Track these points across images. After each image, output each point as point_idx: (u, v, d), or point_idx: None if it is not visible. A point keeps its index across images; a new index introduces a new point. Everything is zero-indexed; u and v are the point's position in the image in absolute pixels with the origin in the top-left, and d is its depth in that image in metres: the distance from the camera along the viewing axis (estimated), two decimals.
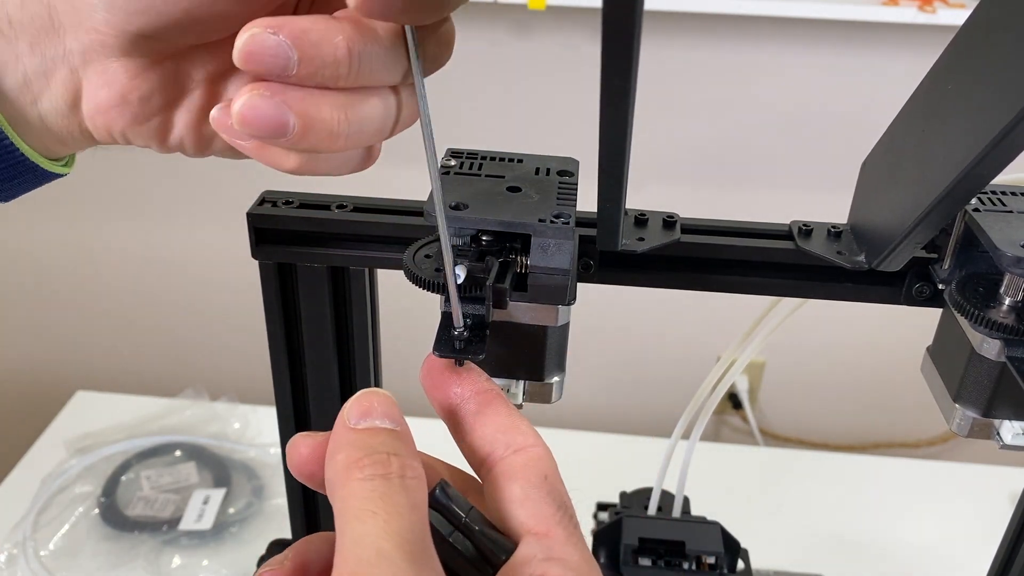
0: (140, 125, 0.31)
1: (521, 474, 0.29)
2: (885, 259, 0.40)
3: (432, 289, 0.36)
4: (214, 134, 0.32)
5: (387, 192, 0.47)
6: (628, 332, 1.42)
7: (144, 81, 0.30)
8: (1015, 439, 0.41)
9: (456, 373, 0.32)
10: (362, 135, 0.30)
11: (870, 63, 1.18)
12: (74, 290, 1.44)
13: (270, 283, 0.48)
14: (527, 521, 0.28)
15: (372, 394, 0.29)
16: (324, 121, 0.28)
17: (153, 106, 0.31)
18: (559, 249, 0.37)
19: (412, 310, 0.79)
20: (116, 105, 0.30)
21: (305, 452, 0.29)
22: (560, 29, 1.18)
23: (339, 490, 0.26)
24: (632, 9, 0.24)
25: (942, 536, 0.88)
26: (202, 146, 0.33)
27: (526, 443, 0.30)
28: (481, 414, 0.31)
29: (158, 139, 0.32)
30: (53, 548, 0.83)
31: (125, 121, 0.31)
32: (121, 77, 0.30)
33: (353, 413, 0.28)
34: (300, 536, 0.58)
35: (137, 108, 0.31)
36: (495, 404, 0.31)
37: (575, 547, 0.27)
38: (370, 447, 0.27)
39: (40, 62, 0.30)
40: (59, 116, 0.31)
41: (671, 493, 0.68)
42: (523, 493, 0.28)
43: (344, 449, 0.27)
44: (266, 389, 0.52)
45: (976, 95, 0.32)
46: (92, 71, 0.30)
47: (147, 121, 0.31)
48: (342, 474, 0.26)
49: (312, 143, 0.28)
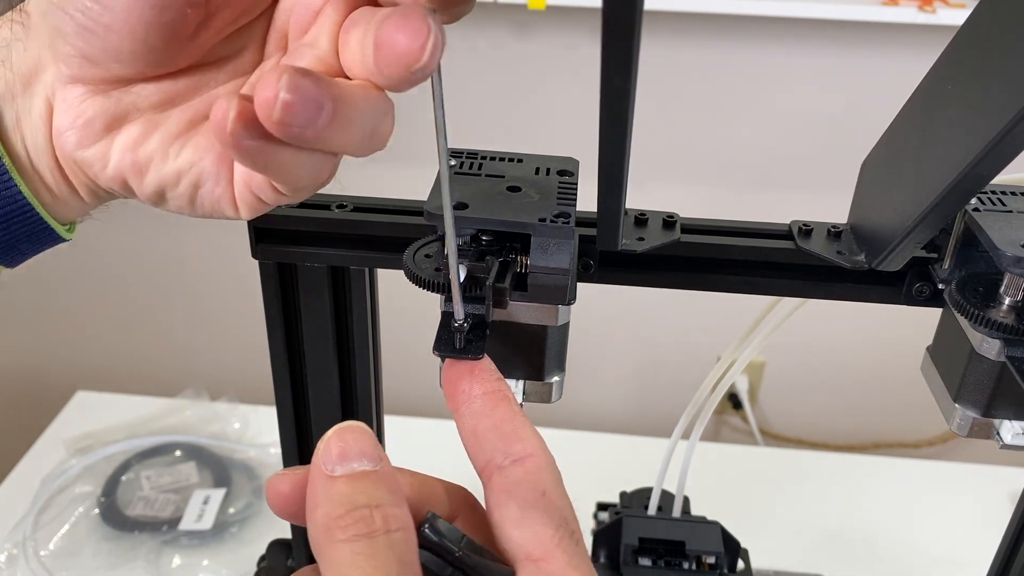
0: (84, 148, 0.32)
1: (518, 490, 0.28)
2: (885, 259, 0.40)
3: (432, 289, 0.36)
4: (149, 160, 0.32)
5: (387, 192, 0.47)
6: (628, 332, 1.42)
7: (90, 105, 0.31)
8: (1015, 439, 0.41)
9: (469, 369, 0.32)
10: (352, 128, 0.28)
11: (870, 63, 1.18)
12: (74, 290, 1.44)
13: (270, 283, 0.48)
14: (525, 545, 0.27)
15: (347, 430, 0.27)
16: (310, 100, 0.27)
17: (96, 129, 0.32)
18: (559, 249, 0.37)
19: (412, 310, 0.79)
20: (68, 128, 0.32)
21: (285, 490, 0.28)
22: (560, 29, 1.18)
23: (324, 552, 0.25)
24: (632, 9, 0.24)
25: (942, 536, 0.88)
26: (138, 173, 0.33)
27: (525, 452, 0.29)
28: (485, 416, 0.30)
29: (100, 164, 0.32)
30: (53, 548, 0.83)
31: (72, 144, 0.32)
32: (74, 102, 0.31)
33: (330, 458, 0.27)
34: (300, 536, 0.58)
35: (82, 131, 0.32)
36: (500, 407, 0.30)
37: (576, 570, 0.26)
38: (351, 502, 0.26)
39: (28, 99, 0.32)
40: (39, 151, 0.32)
41: (671, 493, 0.68)
42: (520, 513, 0.27)
43: (323, 504, 0.26)
44: (266, 389, 0.52)
45: (976, 95, 0.32)
46: (58, 99, 0.32)
47: (91, 145, 0.32)
48: (324, 535, 0.25)
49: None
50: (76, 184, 0.34)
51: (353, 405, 0.53)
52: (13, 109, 0.32)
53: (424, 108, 0.30)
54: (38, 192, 0.34)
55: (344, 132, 0.28)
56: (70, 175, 0.33)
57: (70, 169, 0.33)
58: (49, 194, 0.34)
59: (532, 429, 0.30)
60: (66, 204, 0.35)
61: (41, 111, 0.32)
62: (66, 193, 0.34)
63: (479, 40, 1.18)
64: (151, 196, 0.34)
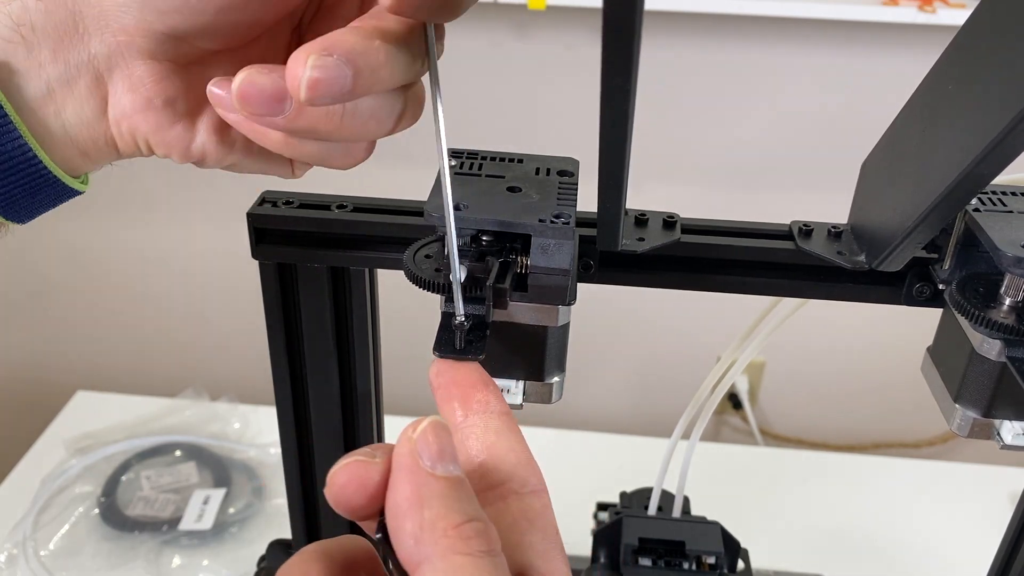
0: (165, 131, 0.31)
1: (539, 522, 0.27)
2: (885, 259, 0.40)
3: (432, 289, 0.36)
4: (235, 140, 0.32)
5: (387, 192, 0.47)
6: (628, 332, 1.42)
7: (169, 85, 0.30)
8: (1015, 439, 0.41)
9: (485, 382, 0.31)
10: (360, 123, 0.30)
11: (870, 63, 1.18)
12: (74, 290, 1.44)
13: (270, 283, 0.48)
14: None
15: (441, 428, 0.25)
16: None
17: (178, 111, 0.31)
18: (559, 249, 0.37)
19: (412, 310, 0.79)
20: (141, 110, 0.30)
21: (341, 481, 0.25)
22: (560, 29, 1.18)
23: (438, 560, 0.23)
24: (632, 9, 0.24)
25: (942, 536, 0.88)
26: (223, 153, 0.33)
27: (540, 486, 0.28)
28: (503, 436, 0.29)
29: (181, 146, 0.32)
30: (53, 548, 0.83)
31: (149, 126, 0.31)
32: (147, 81, 0.30)
33: (429, 453, 0.24)
34: (300, 536, 0.58)
35: (162, 113, 0.31)
36: (515, 432, 0.30)
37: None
38: (466, 511, 0.24)
39: (64, 70, 0.29)
40: (84, 125, 0.31)
41: (671, 493, 0.68)
42: (544, 546, 0.27)
43: (434, 505, 0.24)
44: (266, 389, 0.52)
45: (976, 95, 0.32)
46: (117, 76, 0.30)
47: (172, 127, 0.31)
48: (441, 539, 0.23)
49: (308, 123, 0.28)
50: (124, 152, 0.32)
51: (353, 405, 0.53)
52: (41, 79, 0.29)
53: (423, 108, 0.31)
54: (67, 159, 0.31)
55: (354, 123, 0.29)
56: (123, 147, 0.32)
57: (131, 144, 0.32)
58: (82, 158, 0.32)
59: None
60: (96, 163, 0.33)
61: (89, 84, 0.30)
62: (105, 156, 0.32)
63: (479, 40, 1.18)
64: (222, 167, 0.34)
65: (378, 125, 0.30)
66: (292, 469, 0.55)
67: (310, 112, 0.28)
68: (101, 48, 0.29)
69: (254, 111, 0.27)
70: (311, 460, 0.54)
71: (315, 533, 0.58)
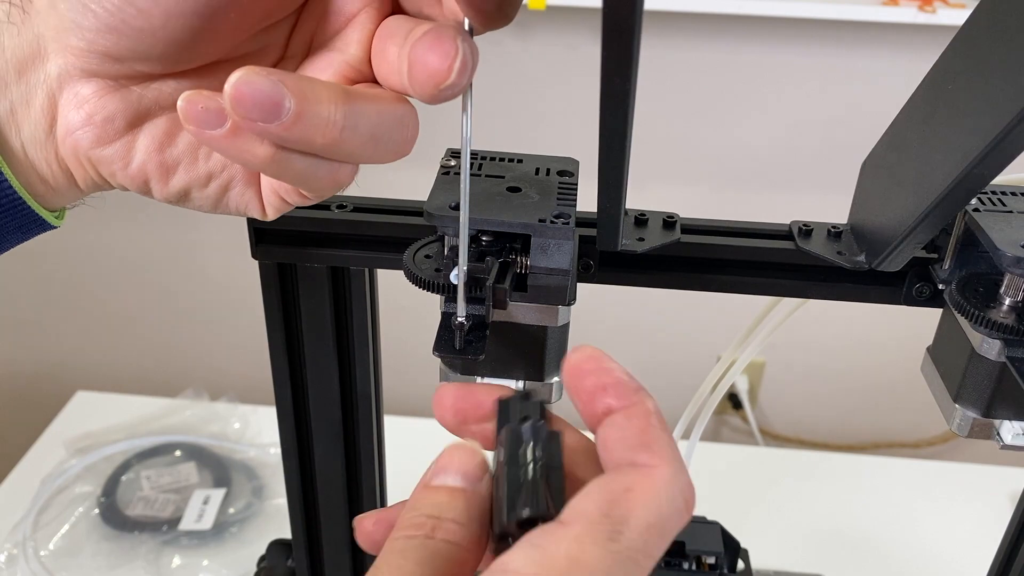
0: (103, 147, 0.31)
1: (609, 477, 0.25)
2: (885, 259, 0.40)
3: (432, 289, 0.36)
4: (177, 163, 0.32)
5: (387, 192, 0.47)
6: (628, 332, 1.42)
7: (110, 101, 0.30)
8: (1015, 439, 0.41)
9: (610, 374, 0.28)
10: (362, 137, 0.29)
11: (870, 63, 1.18)
12: (74, 290, 1.44)
13: (270, 283, 0.48)
14: (566, 512, 0.24)
15: (457, 448, 0.27)
16: (322, 106, 0.27)
17: (116, 127, 0.31)
18: (559, 249, 0.37)
19: (412, 310, 0.79)
20: (82, 126, 0.30)
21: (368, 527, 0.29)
22: (560, 29, 1.18)
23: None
24: (632, 9, 0.24)
25: (942, 536, 0.88)
26: (163, 173, 0.32)
27: (651, 462, 0.25)
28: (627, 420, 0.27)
29: (120, 165, 0.31)
30: (53, 548, 0.83)
31: (88, 142, 0.31)
32: (90, 98, 0.30)
33: (432, 470, 0.27)
34: (300, 536, 0.58)
35: (100, 129, 0.30)
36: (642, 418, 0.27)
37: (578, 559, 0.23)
38: (419, 508, 0.26)
39: (25, 90, 0.30)
40: (37, 144, 0.31)
41: None
42: (589, 487, 0.25)
43: (407, 509, 0.26)
44: (266, 389, 0.52)
45: (976, 95, 0.32)
46: (66, 93, 0.30)
47: (110, 143, 0.31)
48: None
49: (305, 132, 0.27)
50: (78, 178, 0.32)
51: (353, 405, 0.53)
52: (6, 98, 0.30)
53: (424, 109, 0.31)
54: (30, 184, 0.32)
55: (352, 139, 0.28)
56: (74, 170, 0.32)
57: (77, 164, 0.32)
58: (43, 185, 0.32)
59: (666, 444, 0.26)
60: (61, 194, 0.33)
61: (43, 103, 0.30)
62: (63, 184, 0.32)
63: (479, 40, 1.18)
64: (172, 196, 0.33)
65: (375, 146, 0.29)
66: (292, 469, 0.55)
67: (308, 120, 0.27)
68: (54, 68, 0.30)
69: (248, 114, 0.26)
70: (311, 460, 0.54)
71: (315, 533, 0.58)
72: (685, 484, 0.26)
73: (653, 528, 0.24)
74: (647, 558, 0.24)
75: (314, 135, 0.27)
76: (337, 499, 0.56)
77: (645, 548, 0.24)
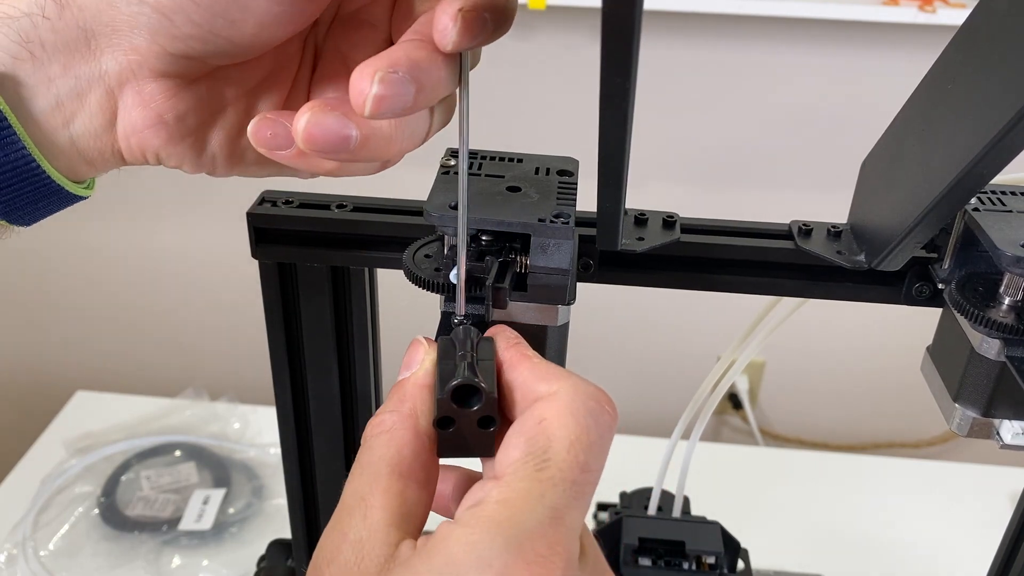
0: (175, 145, 0.31)
1: (519, 420, 0.29)
2: (885, 259, 0.40)
3: (432, 289, 0.36)
4: (246, 149, 0.32)
5: (387, 192, 0.47)
6: (628, 332, 1.42)
7: (180, 101, 0.30)
8: (1015, 439, 0.41)
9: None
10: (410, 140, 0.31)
11: (870, 63, 1.18)
12: (74, 290, 1.44)
13: (270, 283, 0.48)
14: (495, 465, 0.28)
15: (413, 343, 0.32)
16: (382, 129, 0.29)
17: (188, 125, 0.31)
18: (559, 249, 0.37)
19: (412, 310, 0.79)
20: (152, 125, 0.30)
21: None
22: (560, 29, 1.18)
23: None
24: (632, 9, 0.24)
25: (942, 536, 0.88)
26: (233, 162, 0.33)
27: (550, 389, 0.29)
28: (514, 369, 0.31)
29: (192, 158, 0.32)
30: (53, 548, 0.83)
31: (160, 141, 0.31)
32: (157, 97, 0.30)
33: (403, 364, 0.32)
34: (300, 536, 0.58)
35: (173, 128, 0.31)
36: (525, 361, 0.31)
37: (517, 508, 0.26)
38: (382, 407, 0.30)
39: (74, 84, 0.30)
40: (92, 137, 0.31)
41: (671, 493, 0.68)
42: (507, 438, 0.28)
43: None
44: (266, 389, 0.52)
45: (976, 95, 0.32)
46: (128, 91, 0.30)
47: (182, 141, 0.31)
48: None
49: (370, 153, 0.29)
50: (130, 160, 0.32)
51: (353, 405, 0.53)
52: (51, 92, 0.30)
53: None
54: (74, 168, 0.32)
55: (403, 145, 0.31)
56: (131, 159, 0.32)
57: (139, 157, 0.32)
58: (87, 167, 0.32)
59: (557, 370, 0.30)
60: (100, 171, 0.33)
61: (100, 99, 0.30)
62: (110, 165, 0.33)
63: None
64: (234, 174, 0.34)
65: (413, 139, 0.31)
66: (292, 469, 0.55)
67: (372, 143, 0.29)
68: (112, 65, 0.29)
69: (321, 150, 0.28)
70: (311, 460, 0.54)
71: (315, 533, 0.58)
72: (590, 392, 0.29)
73: (577, 443, 0.27)
74: (584, 471, 0.27)
75: (376, 154, 0.30)
76: (337, 499, 0.56)
77: (577, 463, 0.27)
